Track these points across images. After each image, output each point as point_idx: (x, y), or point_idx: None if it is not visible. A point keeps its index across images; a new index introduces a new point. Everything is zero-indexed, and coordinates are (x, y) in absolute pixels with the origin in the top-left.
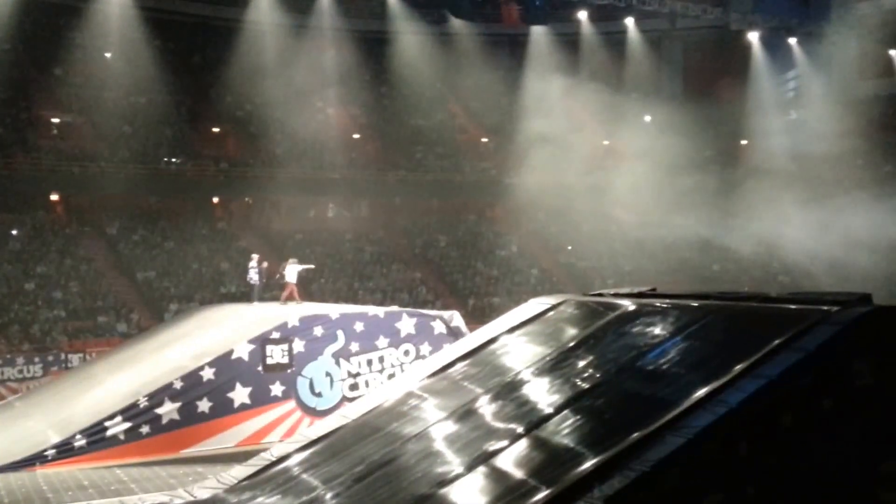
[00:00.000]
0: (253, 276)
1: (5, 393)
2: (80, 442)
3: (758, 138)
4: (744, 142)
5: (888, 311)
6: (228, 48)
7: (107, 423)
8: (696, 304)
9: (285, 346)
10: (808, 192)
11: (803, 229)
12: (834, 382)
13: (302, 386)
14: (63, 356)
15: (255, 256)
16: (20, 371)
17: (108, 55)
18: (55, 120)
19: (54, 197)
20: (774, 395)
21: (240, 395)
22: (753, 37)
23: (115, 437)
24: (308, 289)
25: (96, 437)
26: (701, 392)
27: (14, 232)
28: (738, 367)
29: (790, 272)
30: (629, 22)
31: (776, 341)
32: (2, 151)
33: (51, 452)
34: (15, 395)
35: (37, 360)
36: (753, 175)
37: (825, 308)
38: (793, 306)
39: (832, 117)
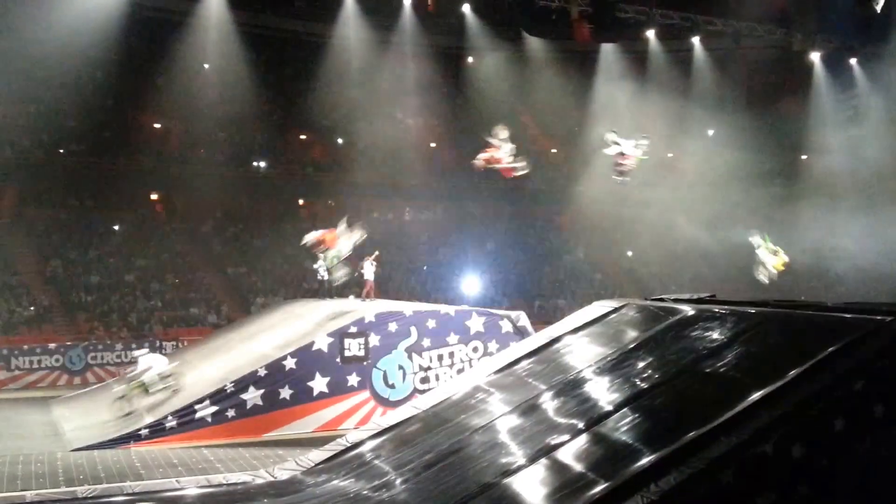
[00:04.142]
0: (323, 273)
1: (104, 376)
2: (171, 423)
3: (817, 154)
4: (804, 157)
5: None
6: (316, 61)
7: (196, 406)
8: (753, 311)
9: (362, 340)
10: (865, 206)
11: (860, 242)
12: (885, 389)
13: (376, 377)
14: (158, 343)
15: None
16: (118, 356)
17: (205, 66)
18: (156, 125)
19: (154, 196)
20: (828, 400)
21: (319, 384)
22: (815, 56)
23: (203, 419)
24: (384, 287)
25: (186, 419)
26: (756, 395)
27: (116, 227)
28: (793, 372)
29: (846, 283)
30: (695, 41)
31: (831, 348)
32: (107, 153)
33: (144, 432)
34: (113, 378)
35: (134, 346)
36: (813, 188)
37: (879, 318)
38: (848, 315)
39: (891, 135)
